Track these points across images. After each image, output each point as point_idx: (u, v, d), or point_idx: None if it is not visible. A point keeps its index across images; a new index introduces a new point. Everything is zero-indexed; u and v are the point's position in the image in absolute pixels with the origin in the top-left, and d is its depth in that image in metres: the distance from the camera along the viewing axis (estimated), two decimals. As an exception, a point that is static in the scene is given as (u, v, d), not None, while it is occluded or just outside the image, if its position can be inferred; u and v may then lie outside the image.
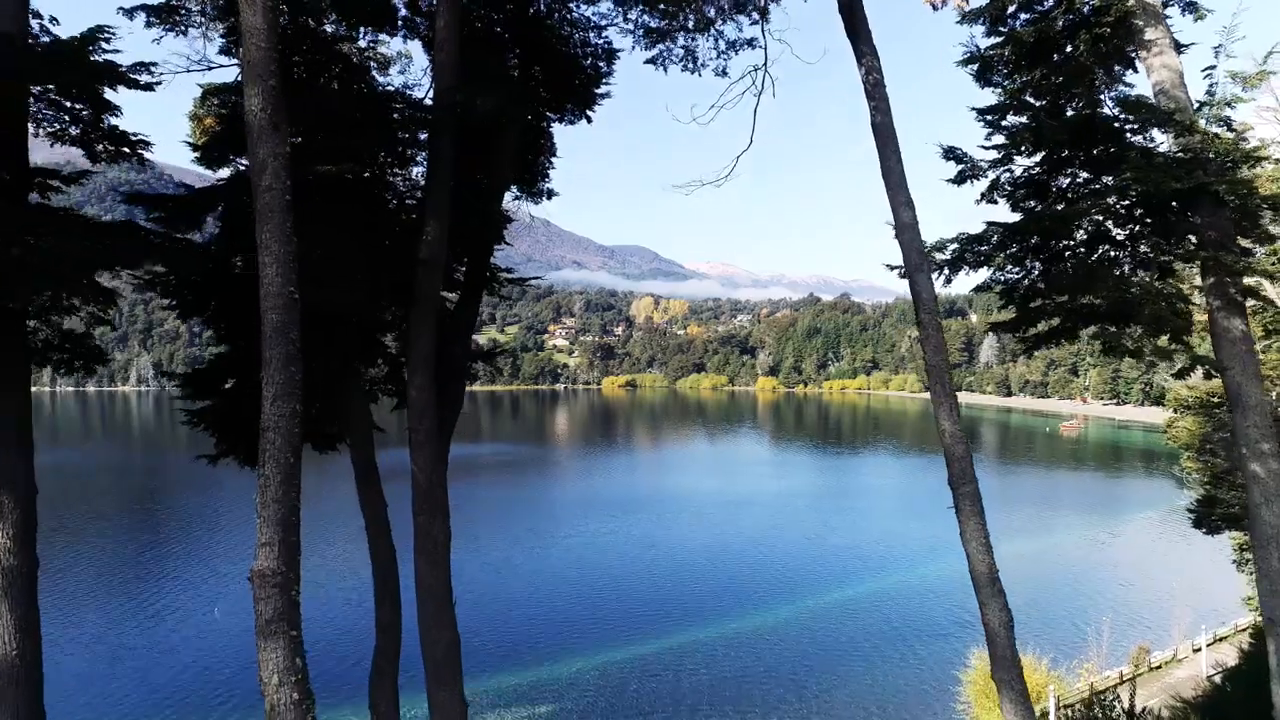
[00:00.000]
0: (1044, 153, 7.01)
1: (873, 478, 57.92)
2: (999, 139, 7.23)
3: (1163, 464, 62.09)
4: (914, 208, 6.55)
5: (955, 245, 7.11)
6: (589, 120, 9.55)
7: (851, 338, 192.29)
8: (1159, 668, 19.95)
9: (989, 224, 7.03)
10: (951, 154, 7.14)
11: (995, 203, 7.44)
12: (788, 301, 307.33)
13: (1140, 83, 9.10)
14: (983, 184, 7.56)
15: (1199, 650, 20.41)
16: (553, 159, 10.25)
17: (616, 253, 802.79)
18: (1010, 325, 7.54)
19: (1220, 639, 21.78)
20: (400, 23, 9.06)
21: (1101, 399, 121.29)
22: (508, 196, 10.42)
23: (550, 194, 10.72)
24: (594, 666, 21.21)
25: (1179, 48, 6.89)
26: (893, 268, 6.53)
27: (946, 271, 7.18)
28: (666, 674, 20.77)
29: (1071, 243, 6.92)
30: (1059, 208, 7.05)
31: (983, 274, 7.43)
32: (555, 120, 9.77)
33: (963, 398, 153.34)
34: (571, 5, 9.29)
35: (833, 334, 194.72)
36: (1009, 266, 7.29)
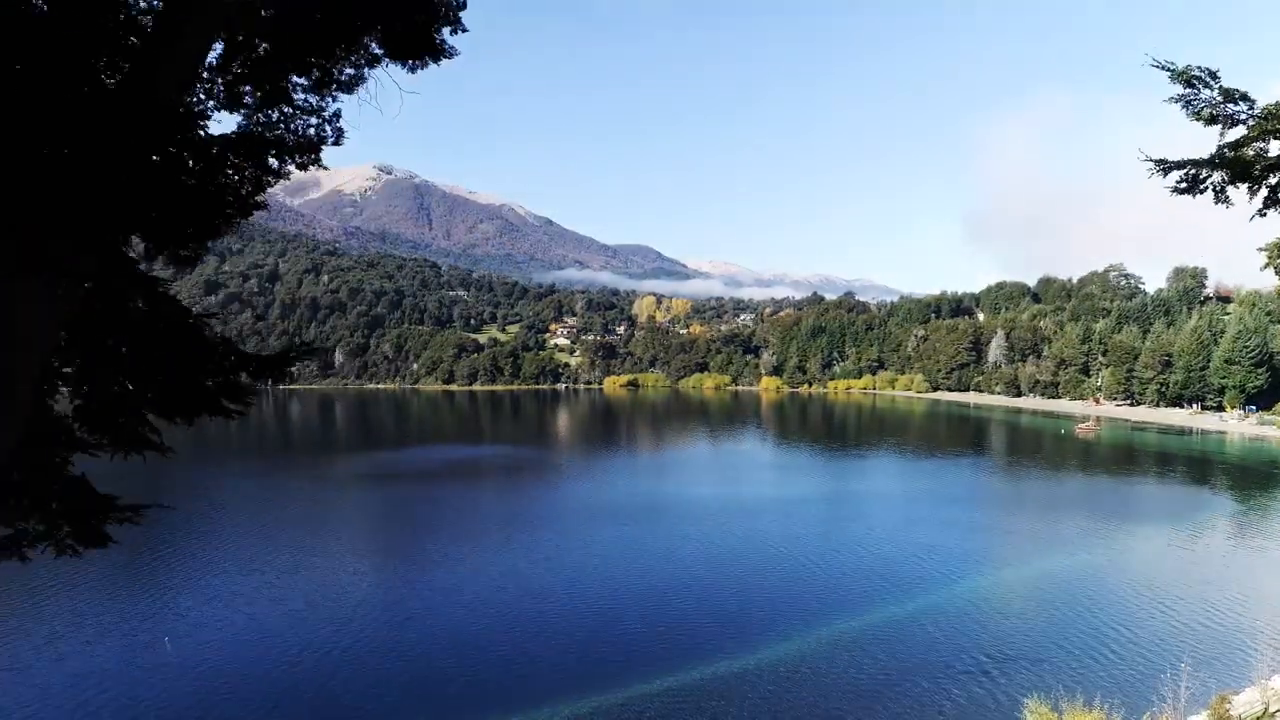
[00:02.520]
0: None
1: (894, 483, 55.15)
2: None
3: (1191, 470, 59.26)
4: None
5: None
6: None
7: (856, 337, 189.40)
8: (1248, 724, 17.09)
9: None
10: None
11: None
12: (791, 300, 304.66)
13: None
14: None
15: (1292, 699, 17.59)
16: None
17: (619, 252, 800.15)
18: None
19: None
20: None
21: (1115, 399, 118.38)
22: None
23: (445, 53, 5.97)
24: (591, 709, 18.52)
25: None
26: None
27: (1266, 192, 4.16)
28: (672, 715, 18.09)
29: None
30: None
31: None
32: None
33: (971, 398, 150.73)
34: None
35: (837, 333, 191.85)
36: None
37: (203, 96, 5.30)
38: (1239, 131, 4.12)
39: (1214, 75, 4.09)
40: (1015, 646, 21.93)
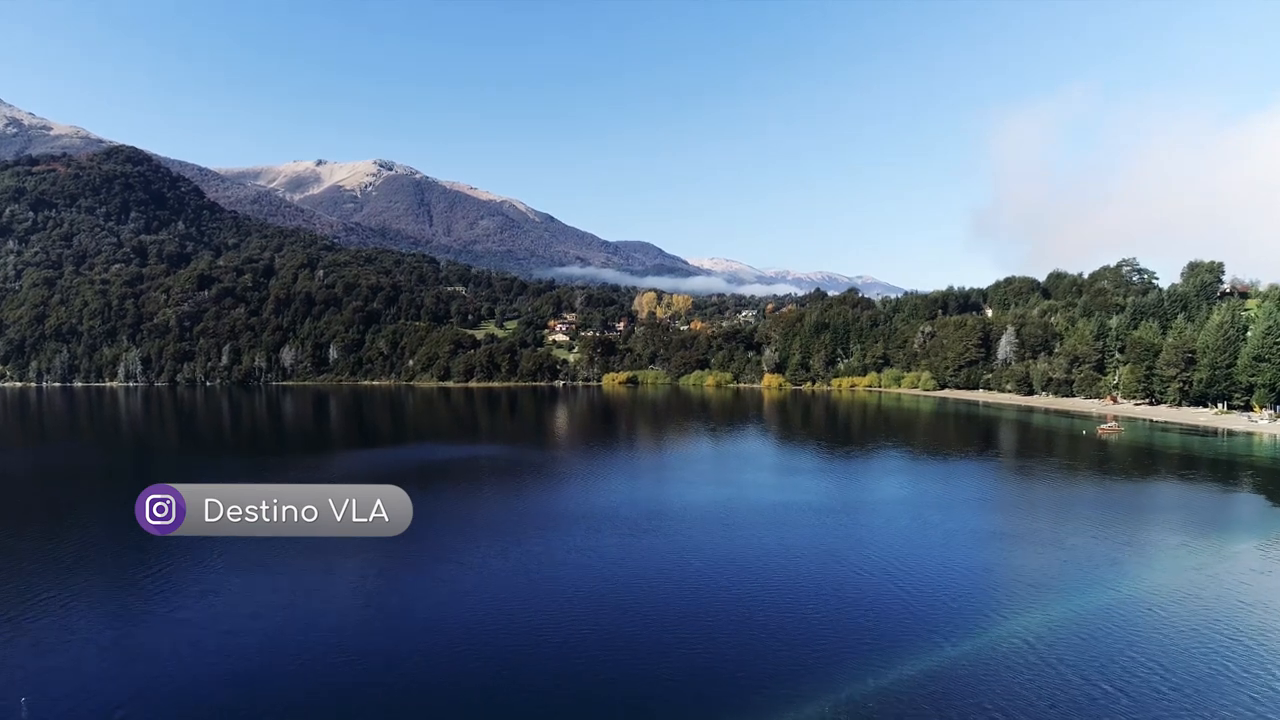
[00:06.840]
0: None
1: (911, 488, 50.69)
2: None
3: (1235, 474, 54.73)
4: None
5: None
6: None
7: (861, 333, 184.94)
8: None
9: None
10: None
11: None
12: (794, 297, 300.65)
13: None
14: None
15: None
16: None
17: (620, 249, 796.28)
18: None
19: None
20: None
21: (1133, 398, 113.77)
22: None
23: None
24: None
25: None
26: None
27: None
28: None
29: None
30: None
31: None
32: None
33: (980, 396, 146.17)
34: None
35: (841, 329, 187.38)
36: None
37: None
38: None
39: None
40: (1107, 710, 17.34)
